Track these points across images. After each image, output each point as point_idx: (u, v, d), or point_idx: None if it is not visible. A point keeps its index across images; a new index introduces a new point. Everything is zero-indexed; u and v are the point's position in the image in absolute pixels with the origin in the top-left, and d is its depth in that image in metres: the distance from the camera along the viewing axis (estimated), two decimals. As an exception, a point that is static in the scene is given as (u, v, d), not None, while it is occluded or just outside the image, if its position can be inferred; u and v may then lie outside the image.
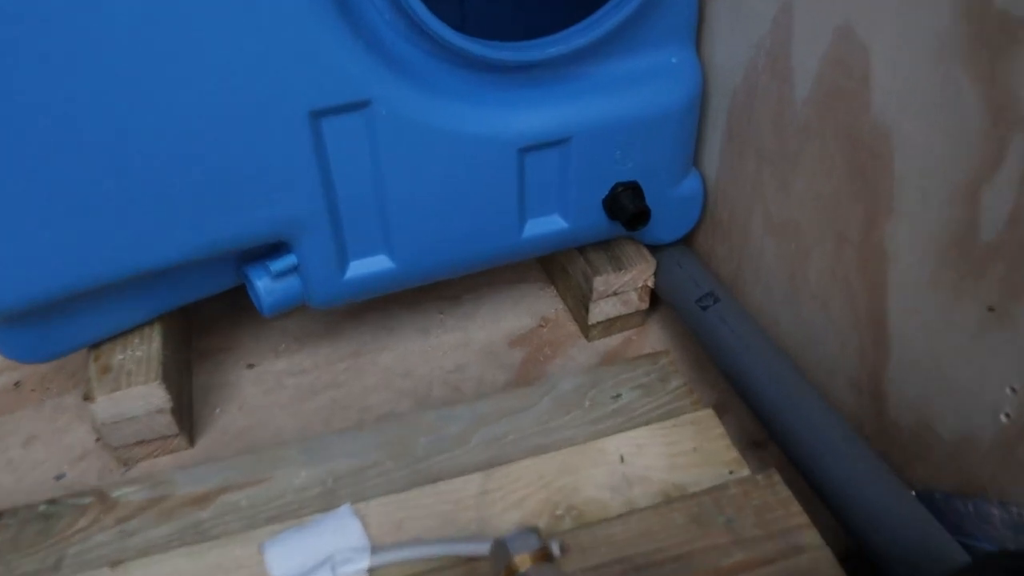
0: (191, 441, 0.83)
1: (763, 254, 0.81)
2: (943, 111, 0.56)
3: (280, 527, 0.62)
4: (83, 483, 0.80)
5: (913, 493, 0.65)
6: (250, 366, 0.93)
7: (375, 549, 0.60)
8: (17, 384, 0.91)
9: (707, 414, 0.72)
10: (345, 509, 0.63)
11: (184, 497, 0.67)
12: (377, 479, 0.68)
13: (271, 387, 0.89)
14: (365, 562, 0.59)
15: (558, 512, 0.63)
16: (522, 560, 0.53)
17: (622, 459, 0.67)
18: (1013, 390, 0.56)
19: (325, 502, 0.66)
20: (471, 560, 0.59)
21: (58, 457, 0.83)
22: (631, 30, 0.73)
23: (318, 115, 0.65)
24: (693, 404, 0.74)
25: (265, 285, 0.76)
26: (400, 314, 0.98)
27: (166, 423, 0.78)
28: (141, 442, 0.79)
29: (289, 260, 0.75)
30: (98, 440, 0.84)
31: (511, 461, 0.67)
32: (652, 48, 0.76)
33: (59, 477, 0.81)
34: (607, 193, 0.80)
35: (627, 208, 0.78)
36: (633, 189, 0.80)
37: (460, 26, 0.75)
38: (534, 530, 0.56)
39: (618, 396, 0.74)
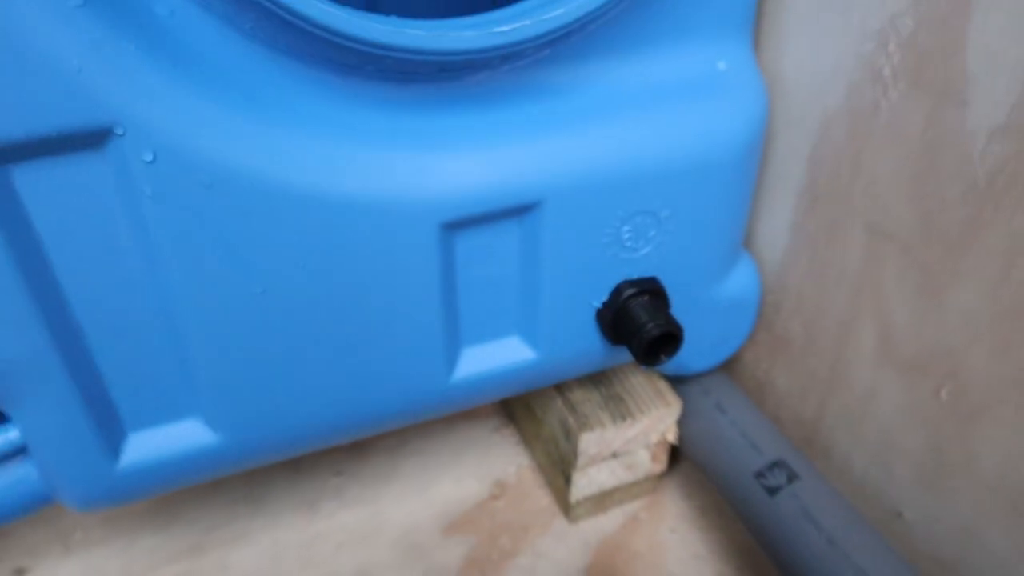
0: None
1: (876, 400, 0.47)
2: None
3: None
4: None
5: None
6: (19, 572, 0.57)
7: None
8: None
9: None
10: None
11: None
12: None
13: (45, 615, 0.53)
14: None
15: None
16: None
17: None
18: None
19: None
20: None
21: None
22: (650, 7, 0.40)
23: (-8, 157, 0.30)
24: None
25: (-36, 481, 0.40)
26: (273, 476, 0.63)
27: None
28: None
29: (4, 436, 0.39)
30: None
31: None
32: (684, 42, 0.42)
33: None
34: (606, 299, 0.45)
35: (643, 327, 0.44)
36: (651, 292, 0.45)
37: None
38: None
39: None
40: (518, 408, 0.64)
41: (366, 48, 0.34)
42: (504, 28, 0.35)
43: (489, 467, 0.64)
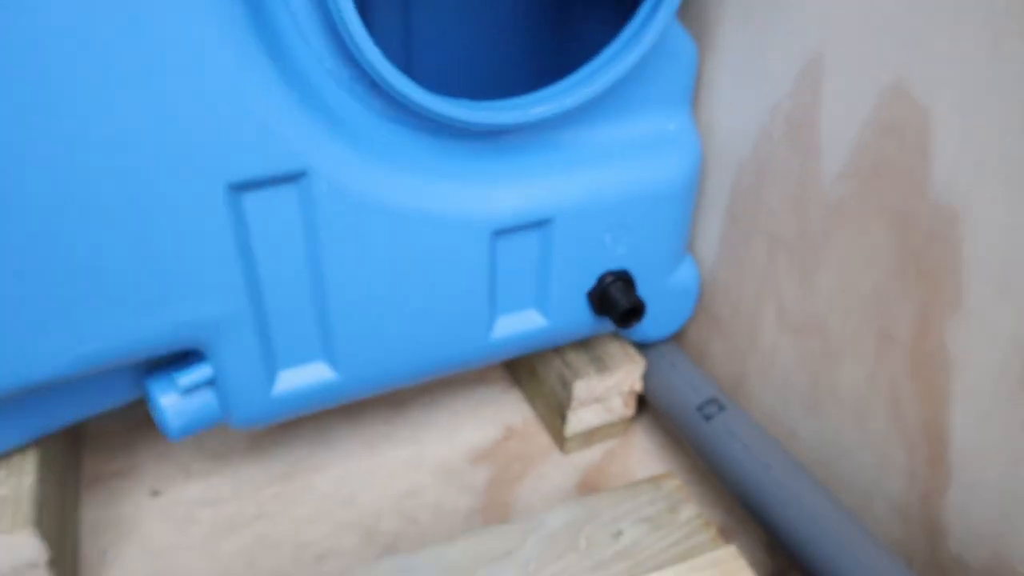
0: (73, 600, 0.66)
1: (776, 355, 0.68)
2: (1043, 186, 0.45)
3: None
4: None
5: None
6: (155, 493, 0.76)
7: None
8: None
9: (730, 552, 0.57)
10: None
11: None
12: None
13: (181, 521, 0.74)
14: None
15: None
16: None
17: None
18: None
19: None
20: None
21: None
22: (625, 89, 0.61)
23: (239, 189, 0.51)
24: (712, 540, 0.59)
25: (172, 404, 0.60)
26: (338, 424, 0.83)
27: (39, 582, 0.60)
28: (4, 608, 0.61)
29: (202, 371, 0.59)
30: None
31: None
32: (647, 111, 0.64)
33: None
34: (594, 284, 0.67)
35: (619, 302, 0.65)
36: (624, 279, 0.67)
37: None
38: None
39: (620, 533, 0.59)
40: (522, 374, 0.85)
41: (450, 121, 0.56)
42: (537, 109, 0.57)
43: (502, 417, 0.84)
